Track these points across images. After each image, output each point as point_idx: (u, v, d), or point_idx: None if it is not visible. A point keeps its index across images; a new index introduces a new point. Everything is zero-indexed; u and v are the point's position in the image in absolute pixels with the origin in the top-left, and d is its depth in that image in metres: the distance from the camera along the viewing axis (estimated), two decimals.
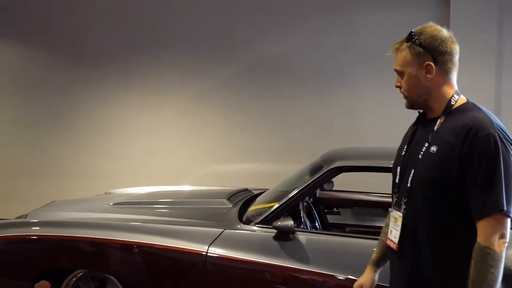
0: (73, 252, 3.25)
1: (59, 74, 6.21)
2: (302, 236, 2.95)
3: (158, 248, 3.06)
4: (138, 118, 6.00)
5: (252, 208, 3.42)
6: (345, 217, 4.29)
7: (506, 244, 1.70)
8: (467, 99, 1.90)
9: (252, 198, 3.76)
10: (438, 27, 1.89)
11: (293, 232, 2.91)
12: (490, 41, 4.84)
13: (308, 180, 3.11)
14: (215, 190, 4.26)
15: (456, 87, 1.91)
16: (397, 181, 1.97)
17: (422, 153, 1.85)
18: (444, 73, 1.87)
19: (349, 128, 5.38)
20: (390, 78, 4.86)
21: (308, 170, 3.47)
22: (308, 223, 3.35)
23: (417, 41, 1.85)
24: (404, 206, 1.89)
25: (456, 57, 1.88)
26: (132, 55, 5.98)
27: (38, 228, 3.35)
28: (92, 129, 6.14)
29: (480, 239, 1.69)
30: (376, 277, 2.16)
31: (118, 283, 3.16)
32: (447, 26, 1.98)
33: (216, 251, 2.98)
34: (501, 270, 1.68)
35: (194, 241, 3.04)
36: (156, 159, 5.95)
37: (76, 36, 6.13)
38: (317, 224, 3.73)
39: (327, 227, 4.00)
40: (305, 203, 3.56)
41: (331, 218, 4.21)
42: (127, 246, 3.12)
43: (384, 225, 2.16)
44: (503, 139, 1.73)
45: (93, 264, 3.25)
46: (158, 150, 5.94)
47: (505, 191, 1.69)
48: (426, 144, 1.85)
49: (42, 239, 3.28)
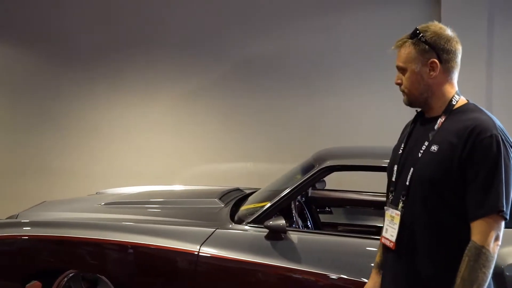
0: (64, 252, 3.24)
1: (48, 74, 6.15)
2: (294, 236, 2.94)
3: (149, 248, 3.06)
4: (129, 118, 5.96)
5: (244, 207, 3.41)
6: (337, 216, 4.29)
7: (499, 247, 1.70)
8: (468, 100, 1.90)
9: (244, 198, 3.76)
10: (443, 26, 1.89)
11: (285, 231, 2.91)
12: (481, 40, 4.85)
13: (300, 179, 3.11)
14: (206, 189, 4.25)
15: (456, 87, 1.91)
16: (393, 179, 1.96)
17: (422, 151, 1.84)
18: (447, 72, 1.88)
19: (341, 128, 5.38)
20: (382, 77, 4.90)
21: (299, 169, 3.47)
22: (300, 222, 3.35)
23: (423, 38, 1.84)
24: (402, 205, 1.88)
25: (459, 57, 1.89)
26: (122, 55, 5.93)
27: (29, 228, 3.34)
28: (82, 128, 6.09)
29: (476, 238, 1.68)
30: None
31: (110, 283, 3.15)
32: None
33: (207, 250, 2.98)
34: (491, 270, 1.68)
35: (186, 240, 3.03)
36: (147, 158, 5.92)
37: (64, 36, 6.07)
38: (309, 223, 3.73)
39: (319, 226, 4.00)
40: (297, 203, 3.56)
41: (323, 217, 4.21)
42: (119, 246, 3.11)
43: None
44: (505, 141, 1.74)
45: (84, 264, 3.24)
46: (149, 150, 5.92)
47: (505, 192, 1.69)
48: (426, 143, 1.84)
49: (33, 239, 3.27)
